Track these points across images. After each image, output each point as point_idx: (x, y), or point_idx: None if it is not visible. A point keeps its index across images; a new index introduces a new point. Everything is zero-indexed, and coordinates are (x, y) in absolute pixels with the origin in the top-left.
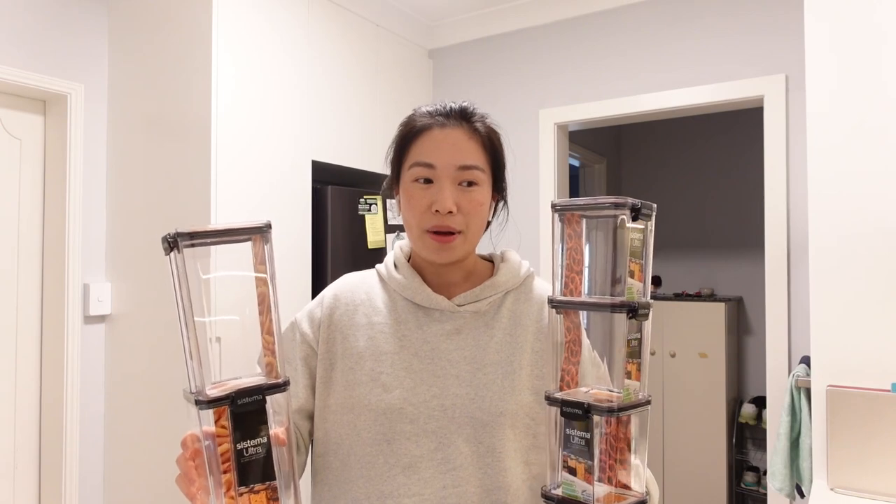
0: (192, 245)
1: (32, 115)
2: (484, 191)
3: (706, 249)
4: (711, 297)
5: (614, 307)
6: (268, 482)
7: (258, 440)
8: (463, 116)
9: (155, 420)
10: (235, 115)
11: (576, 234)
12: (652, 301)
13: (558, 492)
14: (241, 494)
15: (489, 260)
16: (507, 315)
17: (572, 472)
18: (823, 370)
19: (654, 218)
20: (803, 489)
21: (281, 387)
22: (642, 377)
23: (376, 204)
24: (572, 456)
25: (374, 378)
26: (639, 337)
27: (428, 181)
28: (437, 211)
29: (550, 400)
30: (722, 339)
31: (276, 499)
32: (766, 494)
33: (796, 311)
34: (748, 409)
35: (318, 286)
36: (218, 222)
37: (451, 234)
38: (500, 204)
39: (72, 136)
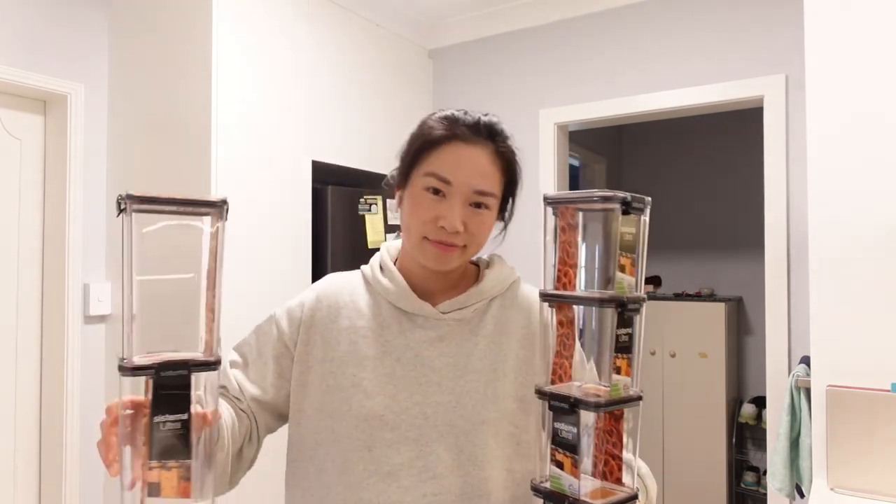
0: (142, 210)
1: (32, 115)
2: (492, 214)
3: (706, 249)
4: (711, 297)
5: (603, 301)
6: (181, 461)
7: (177, 416)
8: (490, 135)
9: None
10: (235, 115)
11: (570, 227)
12: (644, 296)
13: (547, 485)
14: (151, 468)
15: (476, 264)
16: (492, 322)
17: (560, 465)
18: (823, 370)
19: (647, 212)
20: (803, 489)
21: (210, 365)
22: (633, 373)
23: (376, 204)
24: (560, 450)
25: (356, 384)
26: (629, 332)
27: (439, 193)
28: (442, 227)
29: (540, 393)
30: (722, 339)
31: (188, 479)
32: (766, 494)
33: (796, 311)
34: (748, 409)
35: None
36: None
37: (454, 246)
38: (502, 227)
39: (72, 136)
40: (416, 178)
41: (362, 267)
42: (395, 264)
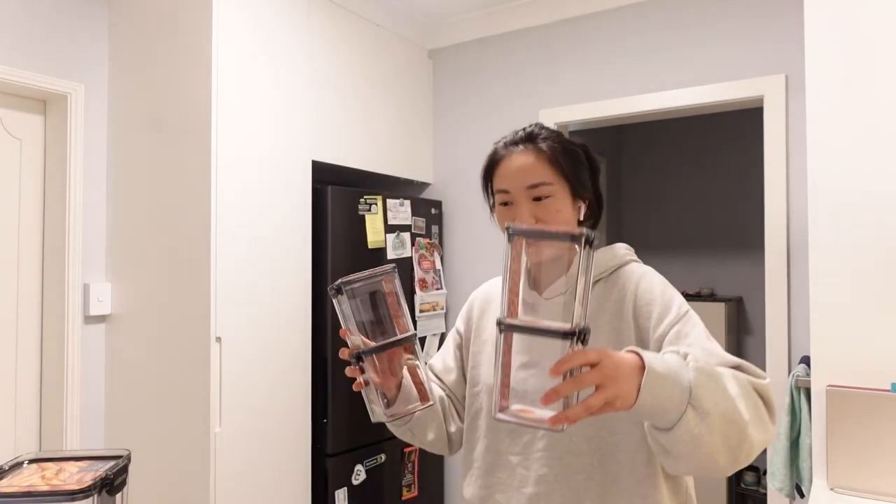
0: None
1: (32, 115)
2: (559, 200)
3: (706, 249)
4: (711, 297)
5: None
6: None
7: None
8: (529, 139)
9: (155, 420)
10: (236, 115)
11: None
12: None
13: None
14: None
15: None
16: (594, 301)
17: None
18: (823, 370)
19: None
20: (803, 489)
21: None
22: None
23: (376, 204)
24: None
25: (489, 360)
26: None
27: (508, 203)
28: None
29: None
30: (722, 339)
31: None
32: (766, 494)
33: (796, 311)
34: None
35: (317, 285)
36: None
37: None
38: (587, 204)
39: (72, 136)
40: (494, 200)
41: None
42: None
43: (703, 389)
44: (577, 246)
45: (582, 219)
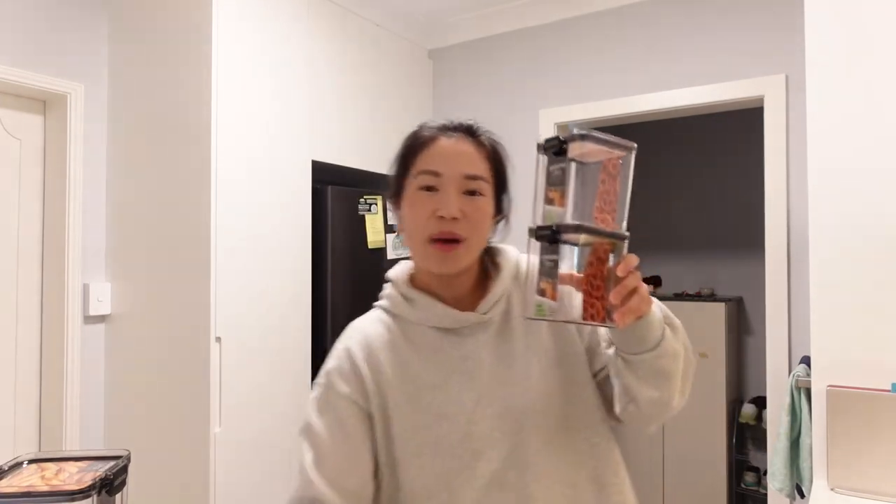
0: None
1: (32, 115)
2: (488, 201)
3: (706, 249)
4: (711, 297)
5: (530, 230)
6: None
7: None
8: (469, 132)
9: (155, 420)
10: (235, 115)
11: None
12: (571, 223)
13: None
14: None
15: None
16: (515, 300)
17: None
18: (823, 370)
19: (570, 147)
20: (803, 489)
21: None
22: (558, 296)
23: (376, 204)
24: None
25: (437, 412)
26: (555, 258)
27: (432, 189)
28: (441, 217)
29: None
30: (722, 339)
31: None
32: (766, 494)
33: (796, 311)
34: (748, 409)
35: (317, 286)
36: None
37: (455, 242)
38: (502, 222)
39: (72, 136)
40: (409, 182)
41: (380, 305)
42: (415, 288)
43: (666, 311)
44: (629, 155)
45: (490, 234)
